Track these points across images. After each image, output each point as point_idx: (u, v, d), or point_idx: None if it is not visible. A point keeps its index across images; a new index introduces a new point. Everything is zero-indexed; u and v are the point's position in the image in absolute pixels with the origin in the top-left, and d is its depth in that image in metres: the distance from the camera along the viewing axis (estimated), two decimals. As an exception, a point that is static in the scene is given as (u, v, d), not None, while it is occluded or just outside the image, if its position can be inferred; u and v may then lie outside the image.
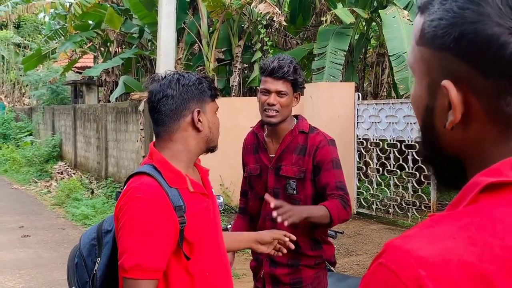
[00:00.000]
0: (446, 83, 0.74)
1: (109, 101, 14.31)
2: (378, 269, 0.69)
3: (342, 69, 10.33)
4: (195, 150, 2.03)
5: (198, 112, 1.98)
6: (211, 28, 11.52)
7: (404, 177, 8.48)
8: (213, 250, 2.02)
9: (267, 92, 2.65)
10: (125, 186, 1.94)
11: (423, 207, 8.14)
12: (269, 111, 2.66)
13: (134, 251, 1.82)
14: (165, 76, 2.02)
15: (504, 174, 0.70)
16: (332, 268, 3.09)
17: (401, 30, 8.92)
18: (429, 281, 0.64)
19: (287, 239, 2.29)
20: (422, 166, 8.07)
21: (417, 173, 8.16)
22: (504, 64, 0.71)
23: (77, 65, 19.23)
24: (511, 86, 0.72)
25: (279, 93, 2.63)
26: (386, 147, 8.87)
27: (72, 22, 13.06)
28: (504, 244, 0.66)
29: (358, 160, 9.37)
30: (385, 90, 11.78)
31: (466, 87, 0.74)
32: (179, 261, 1.91)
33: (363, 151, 9.32)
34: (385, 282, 0.67)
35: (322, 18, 11.00)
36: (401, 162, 8.44)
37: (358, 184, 9.36)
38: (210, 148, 2.07)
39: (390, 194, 8.74)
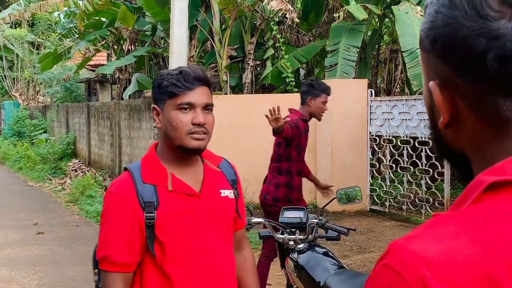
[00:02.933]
0: (431, 84, 0.76)
1: (122, 99, 14.36)
2: (382, 270, 0.69)
3: (355, 65, 10.29)
4: (167, 148, 2.02)
5: (153, 109, 2.02)
6: (223, 25, 11.52)
7: (418, 173, 8.44)
8: (199, 253, 1.96)
9: None
10: None
11: (436, 204, 8.10)
12: None
13: (102, 243, 1.92)
14: None
15: (508, 172, 0.69)
16: (343, 265, 3.08)
17: (414, 26, 8.87)
18: (435, 282, 0.63)
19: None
20: (436, 162, 8.03)
21: (430, 169, 8.11)
22: (474, 66, 0.71)
23: (91, 63, 19.31)
24: (489, 87, 0.71)
25: None
26: (399, 143, 8.83)
27: (83, 20, 13.09)
28: (509, 243, 0.65)
29: (371, 157, 9.34)
30: (398, 86, 11.71)
31: (449, 88, 0.75)
32: (153, 260, 1.92)
33: (376, 148, 9.28)
34: (389, 284, 0.66)
35: (334, 15, 10.95)
36: (414, 158, 8.40)
37: (371, 181, 9.33)
38: (177, 147, 1.97)
39: (403, 191, 8.70)
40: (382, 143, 9.08)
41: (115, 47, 16.26)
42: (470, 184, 0.72)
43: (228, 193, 2.08)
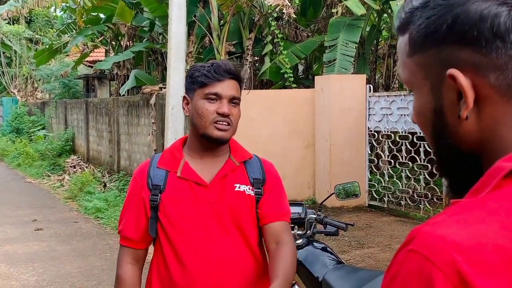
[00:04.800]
0: (453, 71, 0.74)
1: (121, 95, 14.35)
2: (408, 256, 0.67)
3: (354, 61, 10.28)
4: (193, 137, 2.09)
5: (184, 98, 2.08)
6: (221, 21, 11.50)
7: (416, 169, 8.45)
8: (199, 242, 1.98)
9: None
10: None
11: (435, 199, 8.10)
12: None
13: (120, 218, 2.14)
14: None
15: None
16: (342, 261, 3.08)
17: (413, 21, 8.84)
18: (466, 266, 0.62)
19: None
20: (434, 158, 8.04)
21: (429, 165, 8.12)
22: (501, 32, 0.72)
23: (89, 59, 19.28)
24: None
25: None
26: (397, 139, 8.83)
27: (82, 16, 13.04)
28: None
29: (369, 152, 9.34)
30: (396, 82, 11.70)
31: (471, 70, 0.74)
32: (159, 242, 2.04)
33: (374, 144, 9.28)
34: (419, 270, 0.65)
35: (333, 10, 10.93)
36: (413, 154, 8.40)
37: (370, 177, 9.33)
38: (200, 135, 2.02)
39: (402, 187, 8.71)
40: (381, 138, 9.08)
41: (113, 43, 16.23)
42: (489, 171, 0.71)
43: (245, 188, 2.07)
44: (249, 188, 2.08)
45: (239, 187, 2.06)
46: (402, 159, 8.63)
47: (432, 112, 0.80)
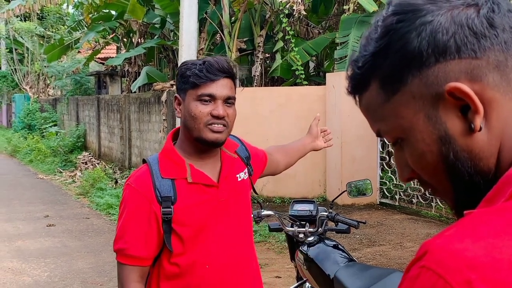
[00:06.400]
0: (452, 84, 0.70)
1: (131, 91, 14.39)
2: (421, 272, 0.63)
3: (365, 58, 10.23)
4: (186, 139, 1.99)
5: (175, 98, 1.98)
6: (232, 18, 11.49)
7: (428, 167, 8.39)
8: (216, 242, 1.95)
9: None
10: None
11: (447, 197, 8.05)
12: None
13: (119, 235, 1.91)
14: None
15: None
16: (353, 258, 3.07)
17: (425, 18, 8.79)
18: (481, 284, 0.58)
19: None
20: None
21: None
22: (482, 31, 0.70)
23: (100, 56, 19.36)
24: (506, 48, 0.70)
25: None
26: (409, 136, 8.77)
27: (90, 13, 13.06)
28: None
29: (381, 150, 9.30)
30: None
31: (465, 79, 0.70)
32: (170, 253, 1.91)
33: (386, 141, 9.23)
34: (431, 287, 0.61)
35: (344, 7, 10.89)
36: (424, 151, 8.35)
37: (381, 174, 9.29)
38: (195, 138, 1.93)
39: (414, 184, 8.66)
40: (392, 136, 9.03)
41: (125, 40, 16.29)
42: (502, 179, 0.67)
43: (243, 175, 2.08)
44: (245, 172, 2.10)
45: (240, 177, 2.07)
46: (414, 157, 8.58)
47: (438, 142, 0.74)
